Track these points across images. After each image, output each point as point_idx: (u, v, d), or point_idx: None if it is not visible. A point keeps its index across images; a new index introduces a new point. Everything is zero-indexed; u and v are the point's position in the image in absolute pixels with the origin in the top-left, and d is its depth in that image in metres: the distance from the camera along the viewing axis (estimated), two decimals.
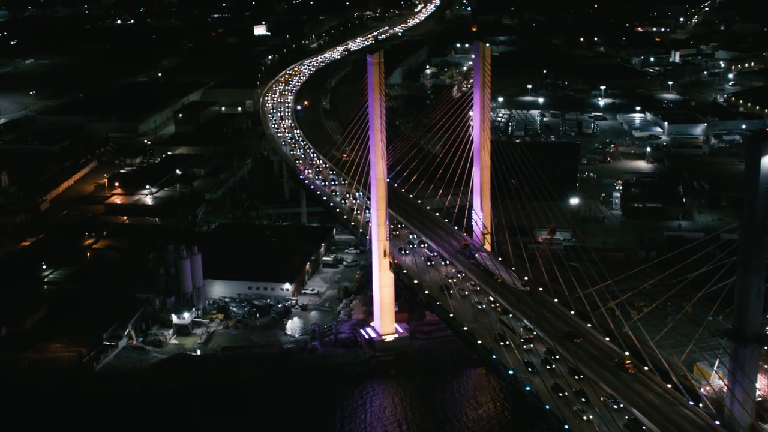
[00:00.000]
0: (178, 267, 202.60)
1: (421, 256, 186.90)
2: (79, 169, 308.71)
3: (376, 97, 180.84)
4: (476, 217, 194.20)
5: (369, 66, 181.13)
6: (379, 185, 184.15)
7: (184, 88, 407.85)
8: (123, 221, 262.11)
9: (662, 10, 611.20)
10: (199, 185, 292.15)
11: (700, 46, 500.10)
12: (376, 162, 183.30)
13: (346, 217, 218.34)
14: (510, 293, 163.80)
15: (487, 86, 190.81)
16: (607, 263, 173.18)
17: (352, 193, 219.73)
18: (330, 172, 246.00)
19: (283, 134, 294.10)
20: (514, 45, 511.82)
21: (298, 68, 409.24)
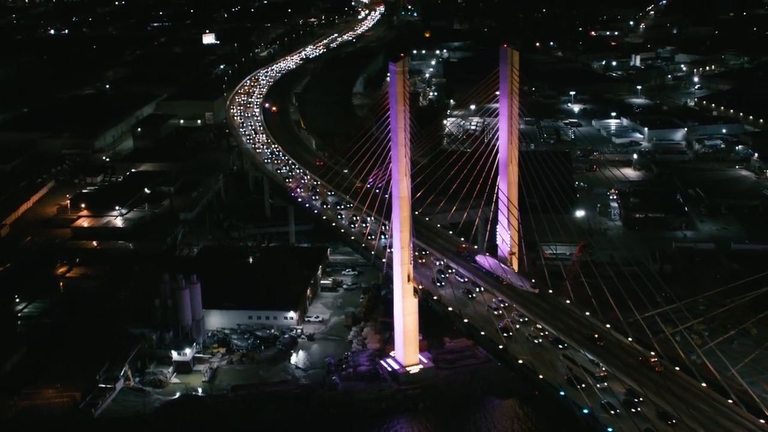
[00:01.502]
0: (176, 298, 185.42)
1: (453, 284, 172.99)
2: (36, 189, 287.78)
3: (400, 108, 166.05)
4: (502, 236, 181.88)
5: (392, 75, 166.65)
6: (402, 204, 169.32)
7: (136, 100, 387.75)
8: (93, 246, 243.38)
9: (612, 14, 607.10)
10: (170, 204, 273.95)
11: (657, 49, 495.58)
12: (399, 179, 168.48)
13: (353, 239, 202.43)
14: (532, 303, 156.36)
15: (515, 95, 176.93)
16: (626, 279, 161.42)
17: (361, 217, 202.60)
18: (329, 194, 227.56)
19: (261, 150, 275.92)
20: (470, 50, 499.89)
21: (255, 79, 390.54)
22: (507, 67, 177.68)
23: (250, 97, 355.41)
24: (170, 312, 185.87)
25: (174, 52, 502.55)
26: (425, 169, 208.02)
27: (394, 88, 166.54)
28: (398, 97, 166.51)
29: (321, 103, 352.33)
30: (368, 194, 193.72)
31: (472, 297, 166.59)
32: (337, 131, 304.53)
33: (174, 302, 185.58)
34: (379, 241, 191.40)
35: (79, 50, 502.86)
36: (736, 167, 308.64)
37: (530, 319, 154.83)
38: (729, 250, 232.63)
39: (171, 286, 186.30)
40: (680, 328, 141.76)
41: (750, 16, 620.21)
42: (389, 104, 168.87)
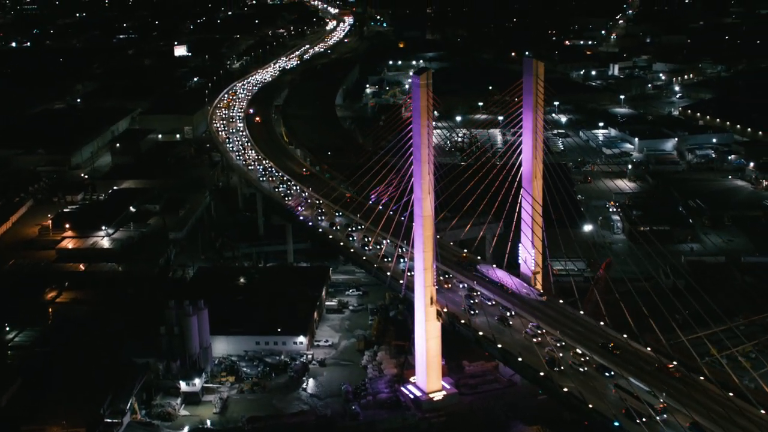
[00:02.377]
0: (183, 325, 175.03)
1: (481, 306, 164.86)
2: (15, 209, 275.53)
3: (424, 123, 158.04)
4: (526, 255, 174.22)
5: (415, 88, 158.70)
6: (426, 224, 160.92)
7: (110, 114, 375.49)
8: (81, 269, 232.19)
9: (583, 24, 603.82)
10: (157, 223, 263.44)
11: (633, 58, 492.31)
12: (422, 197, 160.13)
13: (367, 260, 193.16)
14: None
15: (540, 107, 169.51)
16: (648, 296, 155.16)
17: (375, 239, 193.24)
18: (337, 214, 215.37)
19: (254, 166, 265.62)
20: (445, 61, 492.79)
21: (233, 92, 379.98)
22: (531, 79, 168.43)
23: (230, 111, 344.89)
24: (177, 340, 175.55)
25: (144, 65, 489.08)
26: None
27: (417, 103, 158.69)
28: (422, 112, 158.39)
29: (304, 116, 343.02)
30: (381, 215, 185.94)
31: (506, 322, 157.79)
32: (328, 145, 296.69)
33: (181, 329, 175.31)
34: (397, 263, 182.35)
35: (45, 63, 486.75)
36: (729, 177, 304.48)
37: (568, 344, 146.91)
38: (740, 263, 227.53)
39: (177, 313, 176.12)
40: (726, 351, 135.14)
41: (718, 24, 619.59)
42: (411, 119, 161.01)
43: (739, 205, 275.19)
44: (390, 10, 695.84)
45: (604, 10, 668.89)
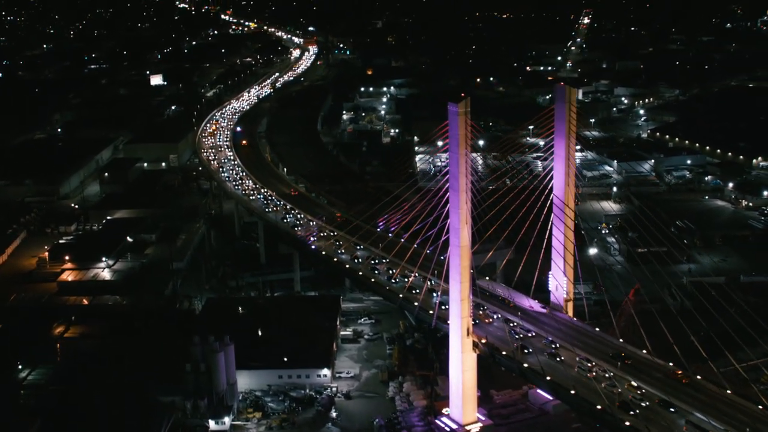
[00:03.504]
0: (210, 362, 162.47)
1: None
2: (9, 241, 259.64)
3: (461, 152, 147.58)
4: (557, 283, 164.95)
5: (452, 116, 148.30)
6: (463, 254, 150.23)
7: (93, 144, 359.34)
8: (85, 302, 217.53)
9: (539, 50, 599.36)
10: (156, 253, 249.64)
11: (593, 83, 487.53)
12: (459, 227, 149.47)
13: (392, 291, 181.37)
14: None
15: (572, 134, 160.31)
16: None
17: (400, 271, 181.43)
18: (358, 248, 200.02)
19: (254, 196, 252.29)
20: (413, 87, 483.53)
21: (216, 121, 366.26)
22: (564, 106, 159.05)
23: (216, 139, 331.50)
24: (203, 377, 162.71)
25: (120, 94, 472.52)
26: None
27: (455, 131, 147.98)
28: (460, 141, 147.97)
29: (291, 143, 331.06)
30: (405, 248, 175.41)
31: (556, 357, 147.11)
32: (322, 172, 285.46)
33: (207, 366, 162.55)
34: (428, 296, 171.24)
35: (19, 94, 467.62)
36: (706, 197, 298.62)
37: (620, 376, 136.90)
38: (739, 283, 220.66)
39: (203, 349, 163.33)
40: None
41: (664, 51, 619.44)
42: (449, 147, 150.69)
43: (723, 225, 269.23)
44: (351, 38, 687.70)
45: (554, 38, 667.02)
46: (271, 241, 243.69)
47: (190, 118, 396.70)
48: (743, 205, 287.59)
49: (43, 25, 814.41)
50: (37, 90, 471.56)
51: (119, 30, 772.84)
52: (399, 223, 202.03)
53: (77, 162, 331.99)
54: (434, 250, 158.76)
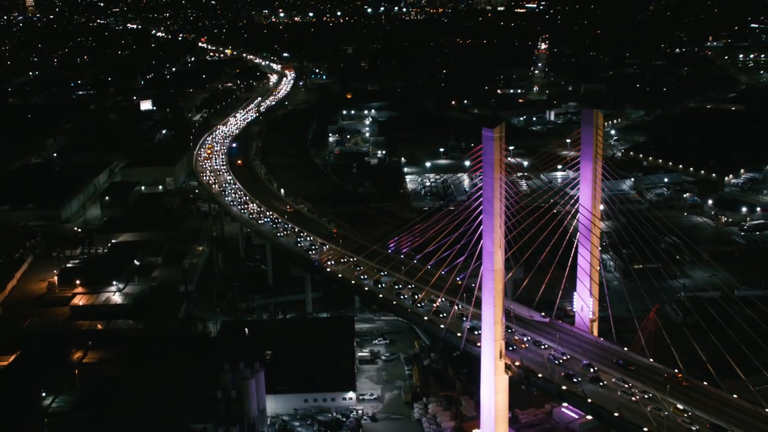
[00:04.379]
0: (241, 388, 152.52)
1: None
2: (17, 265, 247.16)
3: (496, 177, 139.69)
4: (581, 304, 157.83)
5: (488, 142, 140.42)
6: (496, 278, 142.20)
7: (89, 168, 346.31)
8: (100, 327, 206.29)
9: (507, 74, 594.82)
10: (161, 276, 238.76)
11: (562, 105, 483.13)
12: (493, 251, 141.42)
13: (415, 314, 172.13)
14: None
15: (599, 158, 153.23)
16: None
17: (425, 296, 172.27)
18: (382, 273, 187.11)
19: (262, 219, 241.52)
20: (392, 110, 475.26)
21: (211, 145, 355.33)
22: (591, 130, 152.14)
23: (212, 163, 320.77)
24: (234, 404, 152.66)
25: (111, 119, 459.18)
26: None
27: (489, 156, 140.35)
28: (495, 165, 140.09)
29: (285, 166, 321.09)
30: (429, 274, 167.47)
31: (598, 381, 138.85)
32: (322, 194, 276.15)
33: (238, 393, 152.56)
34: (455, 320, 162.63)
35: (12, 119, 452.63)
36: (685, 214, 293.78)
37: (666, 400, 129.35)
38: (734, 298, 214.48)
39: (234, 376, 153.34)
40: None
41: (622, 74, 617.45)
42: (483, 171, 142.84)
43: (707, 240, 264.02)
44: (325, 63, 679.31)
45: (518, 63, 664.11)
46: (278, 262, 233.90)
47: (181, 142, 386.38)
48: (723, 221, 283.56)
49: (27, 53, 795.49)
50: (29, 116, 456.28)
51: (101, 57, 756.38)
52: (411, 245, 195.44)
53: (76, 186, 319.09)
54: (463, 276, 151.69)
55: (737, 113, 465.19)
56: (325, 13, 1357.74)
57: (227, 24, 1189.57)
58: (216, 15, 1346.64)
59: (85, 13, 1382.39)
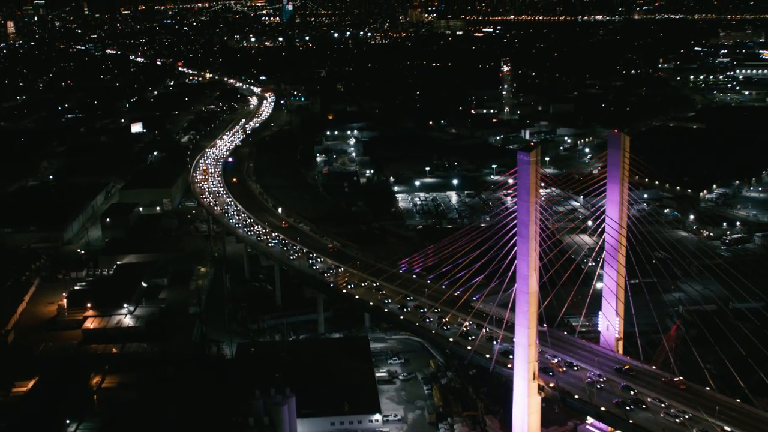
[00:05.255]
0: (273, 415, 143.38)
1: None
2: (26, 288, 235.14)
3: (532, 200, 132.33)
4: (607, 323, 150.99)
5: (524, 165, 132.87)
6: (531, 300, 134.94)
7: (86, 190, 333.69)
8: (112, 351, 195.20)
9: (478, 95, 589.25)
10: (168, 297, 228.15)
11: (534, 124, 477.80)
12: (528, 275, 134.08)
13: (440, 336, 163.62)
14: None
15: (625, 180, 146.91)
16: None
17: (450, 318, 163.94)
18: (408, 298, 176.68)
19: (271, 242, 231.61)
20: (372, 130, 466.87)
21: (206, 166, 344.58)
22: (617, 153, 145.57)
23: (209, 184, 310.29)
24: (267, 430, 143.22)
25: (102, 141, 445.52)
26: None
27: (525, 179, 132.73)
28: (530, 189, 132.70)
29: (281, 187, 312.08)
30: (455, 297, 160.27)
31: (640, 404, 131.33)
32: (323, 214, 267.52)
33: (271, 420, 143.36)
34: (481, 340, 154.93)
35: (6, 143, 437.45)
36: (667, 228, 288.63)
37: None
38: (731, 310, 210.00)
39: (265, 402, 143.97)
40: None
41: (585, 95, 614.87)
42: (518, 195, 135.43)
43: (693, 254, 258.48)
44: (302, 86, 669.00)
45: (486, 84, 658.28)
46: (284, 282, 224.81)
47: (173, 163, 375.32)
48: (705, 236, 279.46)
49: (12, 79, 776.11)
50: (23, 139, 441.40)
51: (84, 82, 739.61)
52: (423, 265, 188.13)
53: (75, 208, 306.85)
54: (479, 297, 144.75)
55: (699, 131, 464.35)
56: (295, 38, 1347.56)
57: (202, 49, 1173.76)
58: (190, 40, 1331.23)
59: (63, 39, 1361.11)
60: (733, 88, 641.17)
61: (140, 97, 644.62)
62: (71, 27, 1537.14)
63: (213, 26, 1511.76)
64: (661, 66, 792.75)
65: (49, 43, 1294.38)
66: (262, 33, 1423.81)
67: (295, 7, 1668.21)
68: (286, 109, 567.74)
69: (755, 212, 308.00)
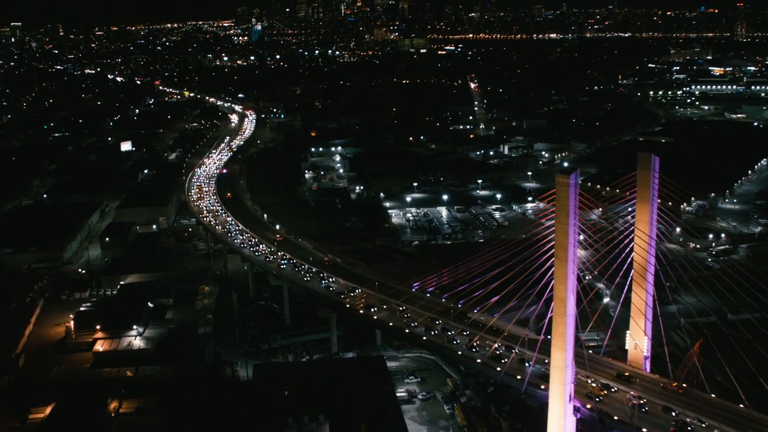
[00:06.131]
0: None
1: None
2: (31, 310, 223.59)
3: (571, 223, 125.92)
4: (635, 342, 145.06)
5: (563, 187, 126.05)
6: (568, 323, 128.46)
7: (80, 209, 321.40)
8: (126, 374, 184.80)
9: (453, 111, 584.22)
10: (174, 317, 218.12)
11: (511, 138, 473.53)
12: (566, 297, 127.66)
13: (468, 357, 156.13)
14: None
15: (655, 200, 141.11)
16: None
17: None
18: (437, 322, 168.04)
19: (275, 261, 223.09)
20: (355, 146, 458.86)
21: (199, 185, 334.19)
22: (647, 173, 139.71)
23: (206, 203, 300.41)
24: None
25: (92, 160, 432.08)
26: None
27: (564, 202, 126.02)
28: (570, 211, 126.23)
29: (278, 204, 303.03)
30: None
31: None
32: (324, 231, 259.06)
33: None
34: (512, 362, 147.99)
35: None
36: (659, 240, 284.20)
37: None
38: (729, 322, 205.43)
39: (299, 430, 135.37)
40: None
41: (555, 110, 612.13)
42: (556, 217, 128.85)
43: (682, 266, 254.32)
44: (280, 103, 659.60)
45: (458, 100, 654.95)
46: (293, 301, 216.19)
47: (164, 181, 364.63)
48: (692, 248, 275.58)
49: None
50: (13, 158, 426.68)
51: (66, 101, 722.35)
52: None
53: (73, 227, 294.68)
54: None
55: (668, 145, 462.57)
56: (266, 57, 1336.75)
57: (177, 68, 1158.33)
58: (165, 60, 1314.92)
59: (41, 60, 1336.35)
60: (692, 103, 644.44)
61: (123, 116, 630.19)
62: (48, 48, 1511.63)
63: (185, 46, 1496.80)
64: (621, 82, 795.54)
65: (28, 64, 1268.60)
66: (234, 52, 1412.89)
67: (263, 27, 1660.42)
68: (269, 124, 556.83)
69: (735, 224, 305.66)
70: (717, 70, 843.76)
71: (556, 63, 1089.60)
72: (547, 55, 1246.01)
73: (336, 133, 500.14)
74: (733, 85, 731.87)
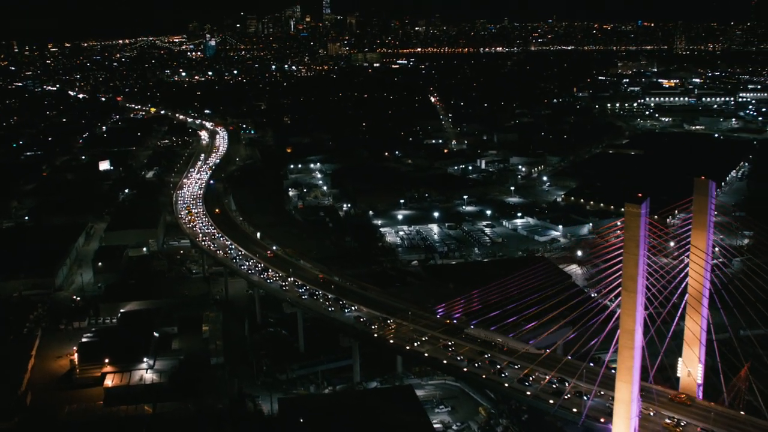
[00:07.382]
0: None
1: None
2: (30, 341, 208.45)
3: (641, 254, 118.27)
4: (688, 369, 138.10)
5: (633, 217, 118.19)
6: (635, 355, 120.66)
7: (64, 231, 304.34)
8: (146, 411, 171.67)
9: (423, 126, 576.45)
10: (182, 347, 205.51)
11: (486, 153, 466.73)
12: (633, 329, 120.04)
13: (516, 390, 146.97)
14: None
15: (711, 226, 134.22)
16: None
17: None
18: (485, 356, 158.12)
19: (283, 285, 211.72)
20: (332, 163, 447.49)
21: (189, 206, 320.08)
22: (704, 199, 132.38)
23: (199, 226, 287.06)
24: None
25: (69, 179, 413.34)
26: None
27: (634, 232, 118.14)
28: (639, 242, 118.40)
29: (271, 225, 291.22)
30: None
31: None
32: (326, 252, 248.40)
33: None
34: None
35: None
36: None
37: None
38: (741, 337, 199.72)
39: None
40: None
41: (526, 124, 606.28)
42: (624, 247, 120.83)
43: None
44: (248, 119, 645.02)
45: (425, 115, 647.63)
46: None
47: (144, 201, 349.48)
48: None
49: None
50: None
51: (32, 118, 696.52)
52: None
53: (62, 251, 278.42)
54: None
55: (638, 157, 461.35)
56: (224, 72, 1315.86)
57: (137, 84, 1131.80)
58: (123, 75, 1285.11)
59: None
60: (651, 115, 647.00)
61: (91, 133, 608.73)
62: (3, 65, 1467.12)
63: (142, 61, 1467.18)
64: (577, 95, 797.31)
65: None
66: (190, 67, 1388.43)
67: (216, 42, 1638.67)
68: (245, 141, 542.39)
69: (722, 236, 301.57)
70: (666, 83, 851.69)
71: (511, 76, 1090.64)
72: (498, 68, 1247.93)
73: (312, 148, 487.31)
74: (684, 97, 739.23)
